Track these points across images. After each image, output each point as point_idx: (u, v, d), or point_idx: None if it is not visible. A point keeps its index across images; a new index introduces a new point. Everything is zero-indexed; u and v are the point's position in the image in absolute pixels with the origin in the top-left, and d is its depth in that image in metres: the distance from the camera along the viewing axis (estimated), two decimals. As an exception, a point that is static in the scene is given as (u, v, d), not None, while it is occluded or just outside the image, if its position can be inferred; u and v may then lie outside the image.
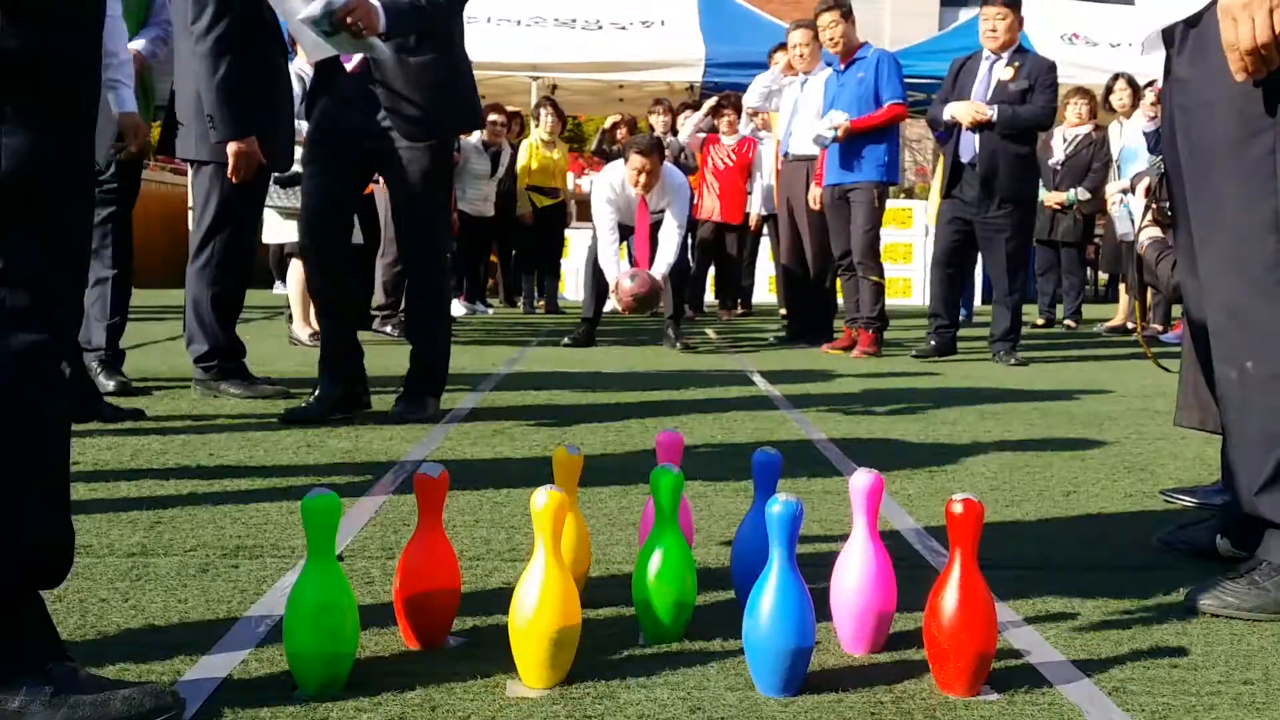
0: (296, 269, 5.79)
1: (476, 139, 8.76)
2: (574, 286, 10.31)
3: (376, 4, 3.10)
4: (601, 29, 11.43)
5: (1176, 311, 7.65)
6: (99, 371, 3.92)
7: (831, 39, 6.08)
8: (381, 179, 6.42)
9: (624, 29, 11.47)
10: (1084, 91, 8.68)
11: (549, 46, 11.17)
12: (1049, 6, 11.25)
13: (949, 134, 5.89)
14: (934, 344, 5.94)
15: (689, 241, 7.30)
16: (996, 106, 5.65)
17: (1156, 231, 2.68)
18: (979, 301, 9.91)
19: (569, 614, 1.41)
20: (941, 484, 2.74)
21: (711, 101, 8.81)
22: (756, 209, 8.70)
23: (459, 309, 8.99)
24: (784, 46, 6.99)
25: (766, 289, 10.61)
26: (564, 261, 10.41)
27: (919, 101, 8.92)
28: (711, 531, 2.22)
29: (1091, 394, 4.54)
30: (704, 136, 8.76)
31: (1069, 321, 8.62)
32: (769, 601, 1.41)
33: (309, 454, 2.95)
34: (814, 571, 1.69)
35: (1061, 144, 8.53)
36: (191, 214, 4.13)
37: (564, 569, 1.43)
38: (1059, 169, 8.46)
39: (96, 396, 3.50)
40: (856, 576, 1.56)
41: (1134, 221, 2.80)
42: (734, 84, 10.05)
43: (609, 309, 6.64)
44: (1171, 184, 2.08)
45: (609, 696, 1.40)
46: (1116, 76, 8.17)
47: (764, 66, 7.89)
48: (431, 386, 3.61)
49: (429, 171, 3.43)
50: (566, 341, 6.32)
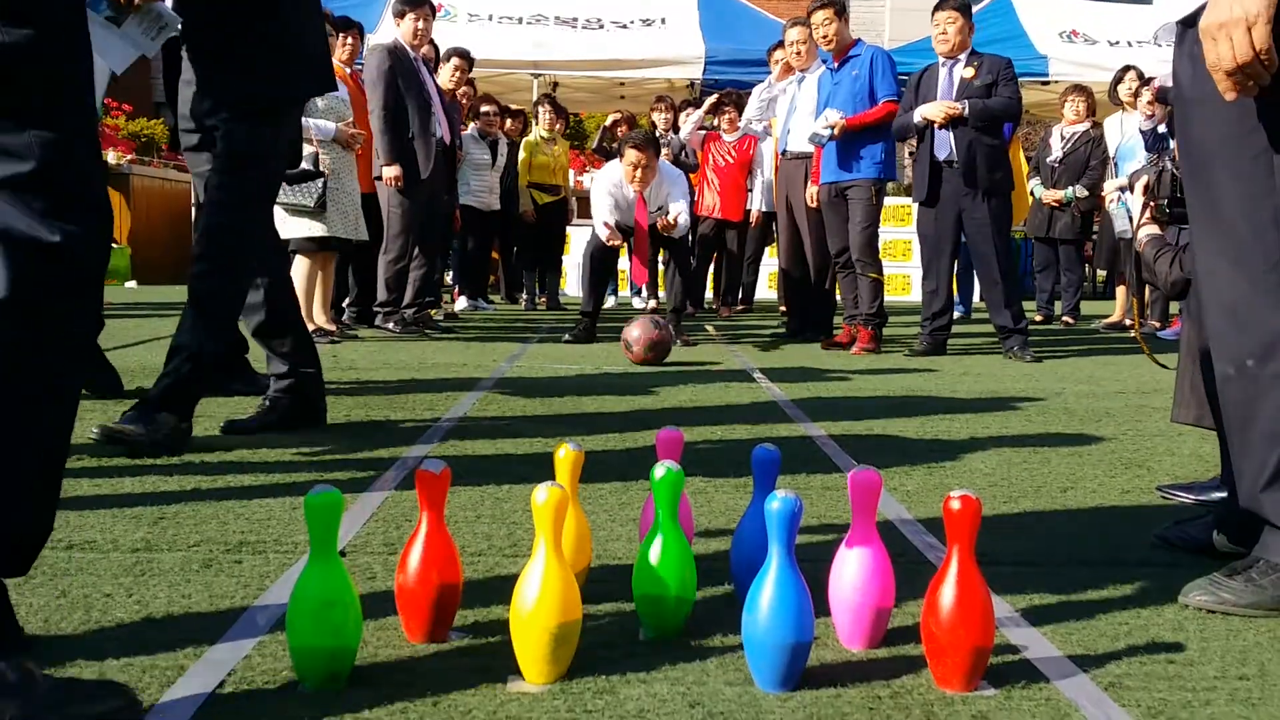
0: (301, 264, 5.80)
1: (473, 129, 8.72)
2: (575, 283, 10.33)
3: None
4: (602, 27, 11.46)
5: (1174, 308, 7.66)
6: None
7: (825, 36, 6.08)
8: (382, 177, 6.46)
9: (625, 27, 11.50)
10: (1082, 89, 8.68)
11: (550, 44, 11.20)
12: (1048, 4, 11.26)
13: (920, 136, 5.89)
14: (927, 344, 5.96)
15: (689, 240, 7.31)
16: (967, 100, 5.67)
17: (1154, 229, 2.69)
18: (977, 299, 9.90)
19: (569, 609, 1.42)
20: (939, 480, 2.75)
21: (712, 99, 8.82)
22: (757, 206, 8.71)
23: (461, 304, 8.99)
24: (783, 44, 7.01)
25: (767, 286, 10.63)
26: (565, 258, 10.42)
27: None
28: (711, 527, 2.23)
29: (1089, 390, 4.55)
30: (705, 134, 8.78)
31: (1067, 318, 8.62)
32: (768, 597, 1.42)
33: (312, 451, 2.96)
34: (813, 567, 1.70)
35: (1059, 141, 8.52)
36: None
37: (565, 565, 1.43)
38: (1057, 166, 8.45)
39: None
40: (855, 572, 1.56)
41: (1131, 219, 2.81)
42: (734, 81, 10.08)
43: (608, 306, 6.63)
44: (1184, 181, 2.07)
45: (609, 691, 1.41)
46: (1127, 68, 8.09)
47: (764, 63, 7.91)
48: (176, 397, 2.87)
49: (246, 145, 2.99)
50: (567, 338, 6.33)
